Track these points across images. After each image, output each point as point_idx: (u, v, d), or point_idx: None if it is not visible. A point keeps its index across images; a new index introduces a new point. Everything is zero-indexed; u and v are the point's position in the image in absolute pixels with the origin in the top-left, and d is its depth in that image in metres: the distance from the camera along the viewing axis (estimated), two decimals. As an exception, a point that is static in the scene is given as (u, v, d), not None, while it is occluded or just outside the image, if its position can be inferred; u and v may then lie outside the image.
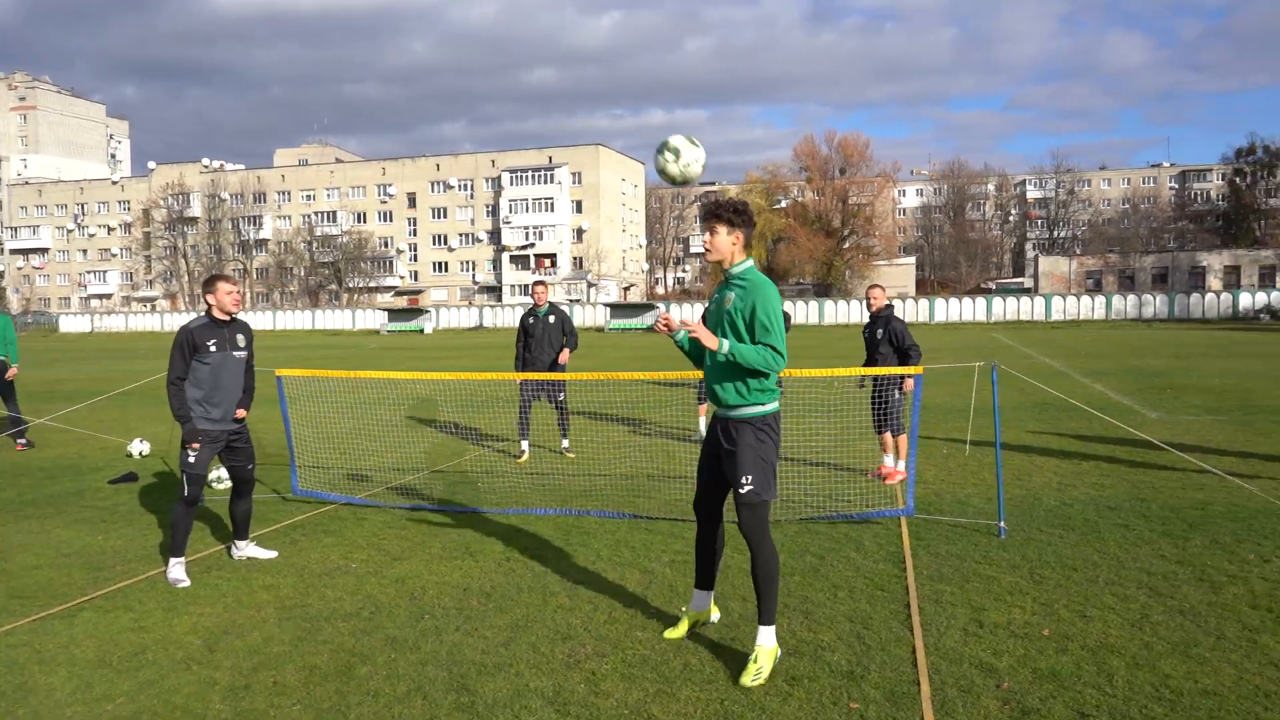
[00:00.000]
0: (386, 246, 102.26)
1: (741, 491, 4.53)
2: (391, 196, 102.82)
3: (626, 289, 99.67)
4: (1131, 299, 65.89)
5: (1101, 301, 65.80)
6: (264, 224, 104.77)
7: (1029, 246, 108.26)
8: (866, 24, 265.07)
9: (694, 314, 69.91)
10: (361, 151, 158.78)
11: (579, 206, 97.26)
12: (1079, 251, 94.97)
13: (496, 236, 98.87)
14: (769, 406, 4.55)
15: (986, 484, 8.62)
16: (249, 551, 6.66)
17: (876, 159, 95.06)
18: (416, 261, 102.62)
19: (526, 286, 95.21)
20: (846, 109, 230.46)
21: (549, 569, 6.21)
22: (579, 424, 13.04)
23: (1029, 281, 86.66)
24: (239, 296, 6.59)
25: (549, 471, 9.82)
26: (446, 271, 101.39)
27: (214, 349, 6.29)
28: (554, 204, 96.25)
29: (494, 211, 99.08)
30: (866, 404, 9.90)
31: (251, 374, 6.64)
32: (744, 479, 4.51)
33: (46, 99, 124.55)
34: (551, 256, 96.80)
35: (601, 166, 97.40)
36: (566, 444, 11.04)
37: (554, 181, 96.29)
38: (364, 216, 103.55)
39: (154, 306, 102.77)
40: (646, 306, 68.97)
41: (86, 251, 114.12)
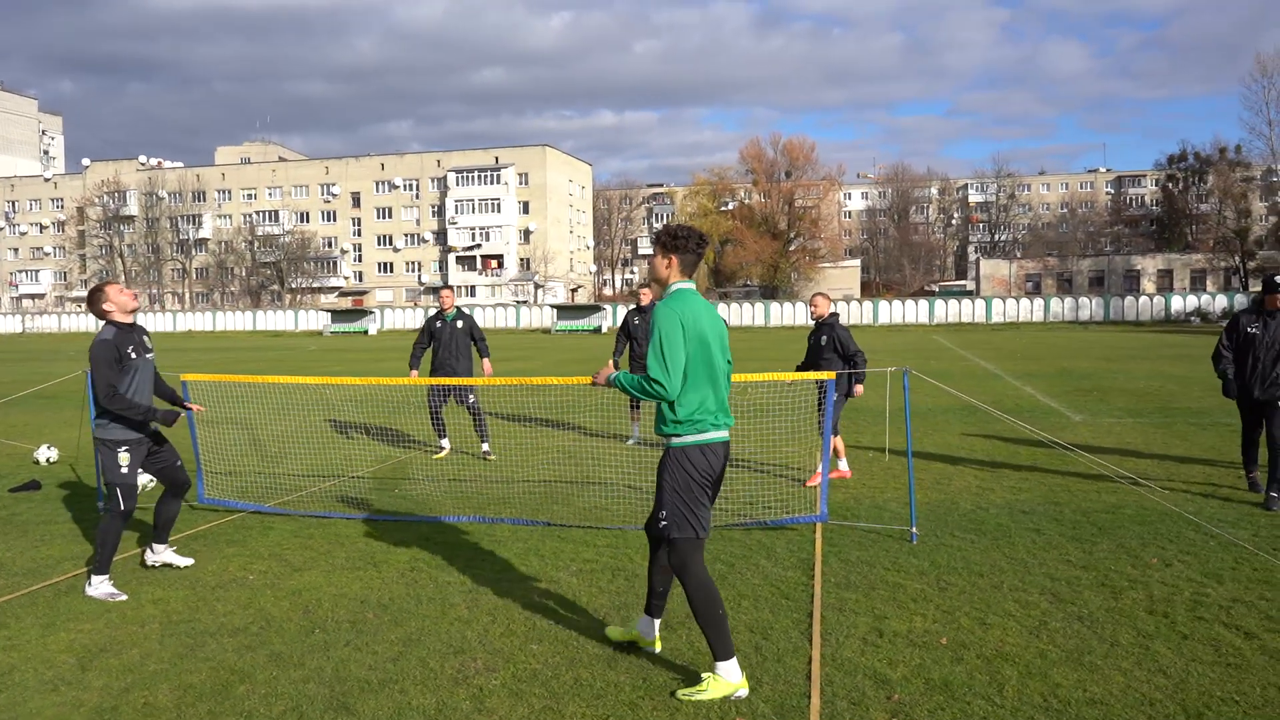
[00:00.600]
0: (330, 247, 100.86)
1: (659, 526, 4.39)
2: (335, 196, 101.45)
3: (574, 290, 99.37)
4: (1069, 302, 67.21)
5: (1040, 304, 67.02)
6: (204, 223, 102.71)
7: (971, 249, 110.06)
8: (814, 29, 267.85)
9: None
10: (306, 150, 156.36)
11: (526, 207, 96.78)
12: (1019, 255, 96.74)
13: (443, 237, 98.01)
14: (686, 438, 4.32)
15: (906, 489, 8.62)
16: (165, 557, 6.42)
17: (822, 162, 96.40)
18: (361, 262, 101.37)
19: (473, 288, 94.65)
20: (794, 112, 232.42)
21: (453, 579, 6.07)
22: (501, 428, 12.88)
23: (971, 284, 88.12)
24: (134, 294, 6.37)
25: (466, 478, 9.66)
26: (392, 272, 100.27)
27: (134, 355, 6.07)
28: (501, 205, 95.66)
29: (440, 212, 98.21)
30: (790, 407, 9.88)
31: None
32: (659, 513, 4.38)
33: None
34: (498, 257, 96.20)
35: (549, 167, 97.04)
36: (486, 448, 10.90)
37: (500, 182, 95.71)
38: (307, 216, 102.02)
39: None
40: (593, 308, 68.81)
41: (18, 250, 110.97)
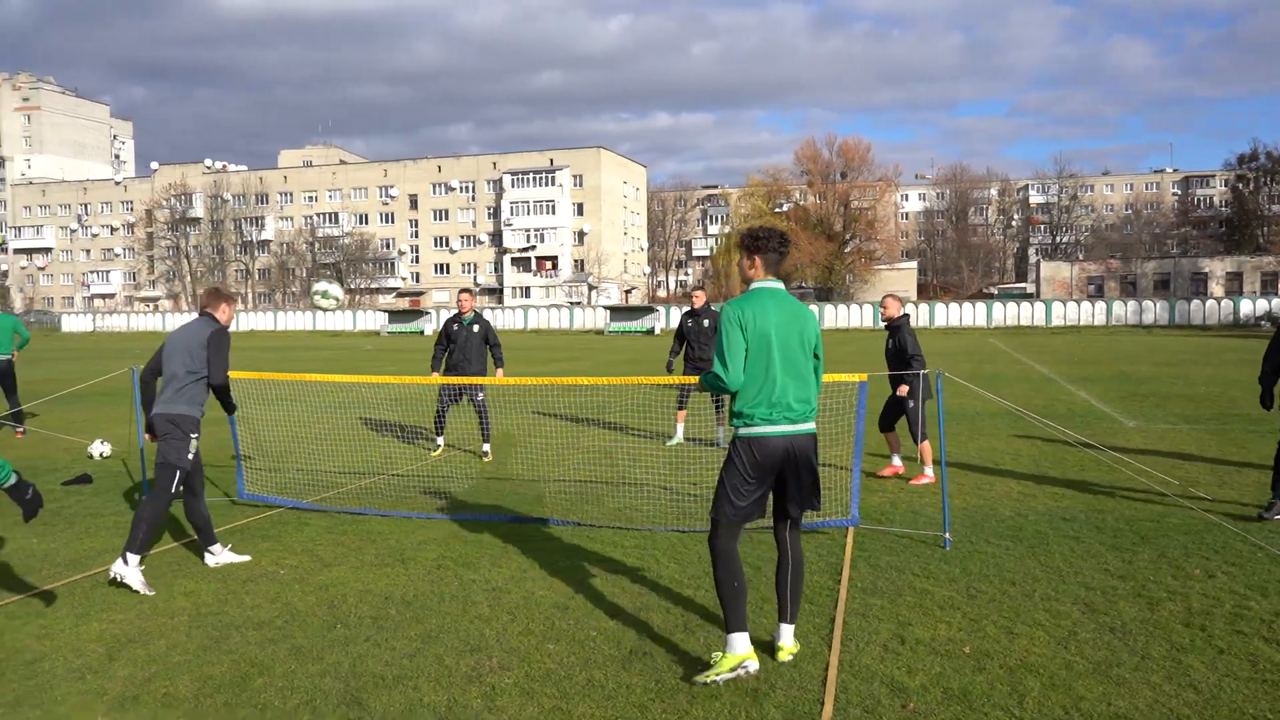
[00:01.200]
0: (388, 248, 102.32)
1: None
2: (393, 198, 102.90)
3: (628, 292, 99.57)
4: (1132, 305, 65.59)
5: (1102, 307, 65.50)
6: (266, 225, 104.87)
7: (1031, 252, 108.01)
8: (873, 29, 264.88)
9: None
10: (367, 153, 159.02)
11: (580, 209, 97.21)
12: (1081, 257, 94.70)
13: (498, 239, 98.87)
14: (739, 430, 4.60)
15: (951, 492, 8.45)
16: (225, 558, 6.55)
17: (878, 163, 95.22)
18: (418, 263, 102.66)
19: (528, 289, 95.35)
20: (851, 113, 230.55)
21: (477, 577, 6.09)
22: (538, 426, 12.93)
23: (1031, 287, 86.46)
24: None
25: (501, 477, 9.69)
26: (448, 273, 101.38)
27: None
28: (555, 206, 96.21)
29: (495, 214, 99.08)
30: (833, 409, 9.75)
31: None
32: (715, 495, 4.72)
33: (51, 99, 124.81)
34: (553, 259, 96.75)
35: (603, 169, 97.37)
36: (487, 449, 11.01)
37: (555, 184, 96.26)
38: (366, 218, 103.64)
39: (156, 306, 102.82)
40: (646, 310, 68.84)
41: (90, 251, 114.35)
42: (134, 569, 5.84)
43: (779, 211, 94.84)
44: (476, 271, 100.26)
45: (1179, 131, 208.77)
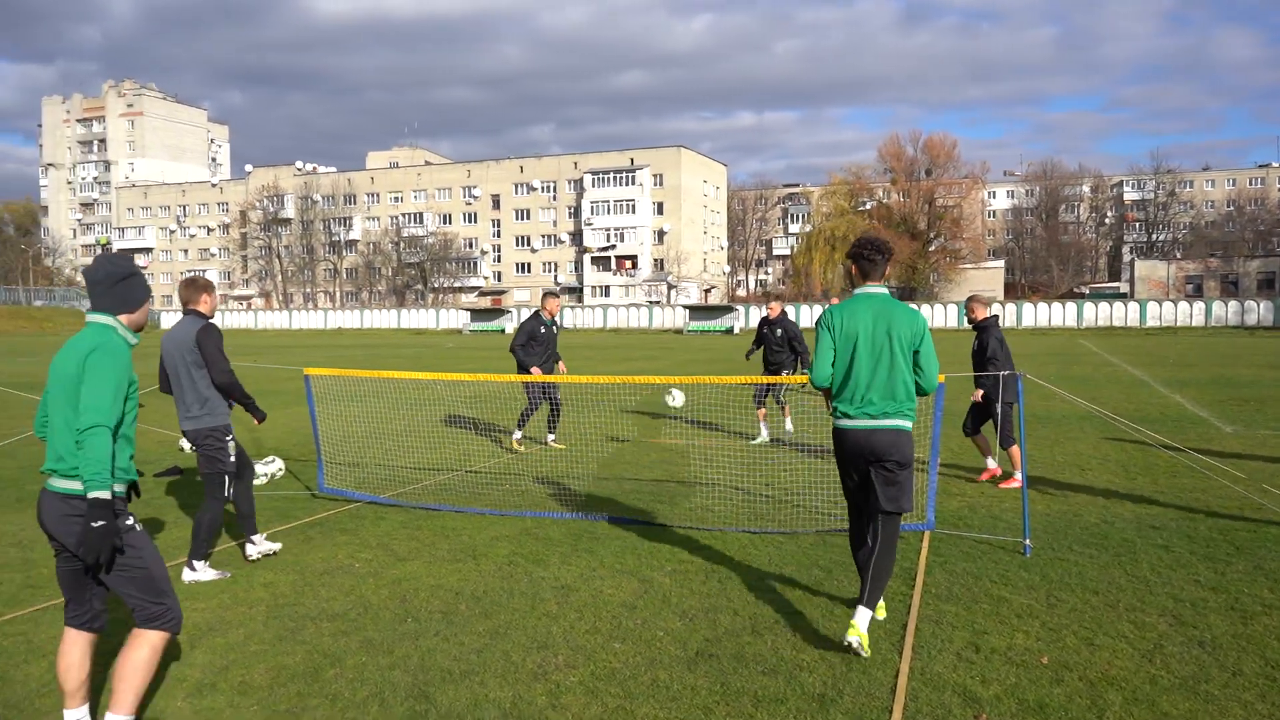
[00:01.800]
0: (471, 248, 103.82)
1: None
2: (476, 198, 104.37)
3: (707, 291, 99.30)
4: (1234, 305, 62.98)
5: (1201, 308, 63.05)
6: (354, 225, 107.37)
7: (1125, 250, 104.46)
8: (962, 24, 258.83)
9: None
10: (451, 154, 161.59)
11: (660, 208, 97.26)
12: (1179, 255, 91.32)
13: (578, 238, 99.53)
14: (834, 424, 5.02)
15: (1031, 496, 8.22)
16: (265, 546, 6.65)
17: (965, 160, 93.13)
18: (500, 262, 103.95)
19: (607, 288, 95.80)
20: (938, 110, 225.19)
21: (547, 575, 6.12)
22: (616, 423, 12.94)
23: (1124, 286, 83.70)
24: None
25: (576, 475, 9.72)
26: (529, 272, 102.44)
27: None
28: (635, 205, 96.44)
29: (576, 213, 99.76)
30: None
31: None
32: None
33: (152, 105, 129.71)
34: (633, 258, 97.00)
35: (683, 168, 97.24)
36: (553, 438, 11.52)
37: (635, 183, 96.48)
38: (450, 218, 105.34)
39: (249, 305, 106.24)
40: (726, 309, 68.56)
41: (188, 251, 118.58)
42: (203, 570, 6.07)
43: (861, 210, 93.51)
44: (557, 271, 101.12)
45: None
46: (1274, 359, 28.29)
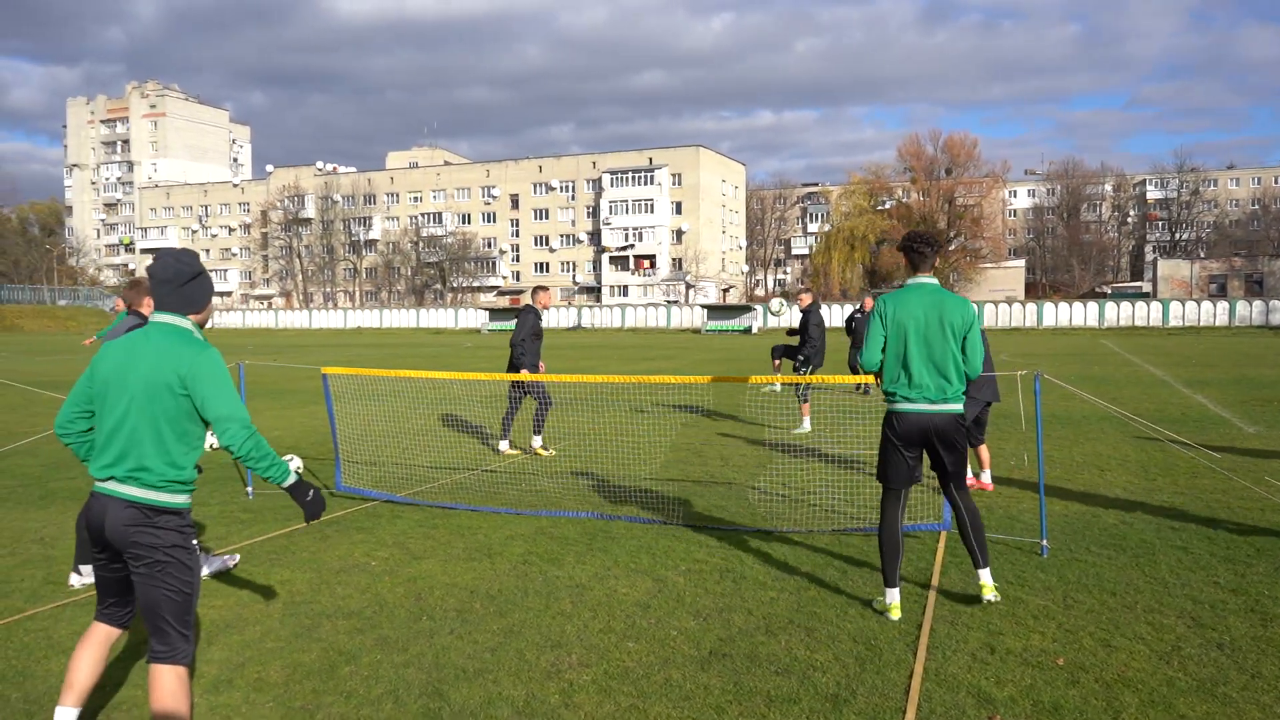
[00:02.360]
0: (490, 247, 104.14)
1: None
2: (495, 198, 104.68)
3: (725, 291, 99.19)
4: (1258, 305, 62.31)
5: (1225, 307, 62.42)
6: (373, 225, 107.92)
7: (1148, 249, 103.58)
8: (984, 22, 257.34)
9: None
10: (470, 154, 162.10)
11: (679, 208, 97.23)
12: (1202, 255, 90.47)
13: (597, 238, 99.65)
14: (888, 406, 5.36)
15: (1049, 496, 8.16)
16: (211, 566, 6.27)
17: (985, 159, 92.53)
18: (519, 262, 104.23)
19: (626, 288, 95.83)
20: (959, 109, 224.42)
21: (562, 574, 6.13)
22: (631, 423, 12.94)
23: (1147, 286, 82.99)
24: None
25: (591, 474, 9.73)
26: (548, 272, 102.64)
27: None
28: (654, 205, 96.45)
29: (594, 213, 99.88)
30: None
31: None
32: None
33: (175, 106, 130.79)
34: (651, 257, 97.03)
35: (702, 168, 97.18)
36: (539, 441, 11.11)
37: (654, 183, 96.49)
38: (469, 218, 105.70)
39: (270, 304, 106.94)
40: (744, 308, 68.46)
41: (210, 251, 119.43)
42: (208, 562, 6.10)
43: (881, 209, 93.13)
44: (575, 270, 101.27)
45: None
46: (1299, 359, 27.98)
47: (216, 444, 11.39)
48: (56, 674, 4.56)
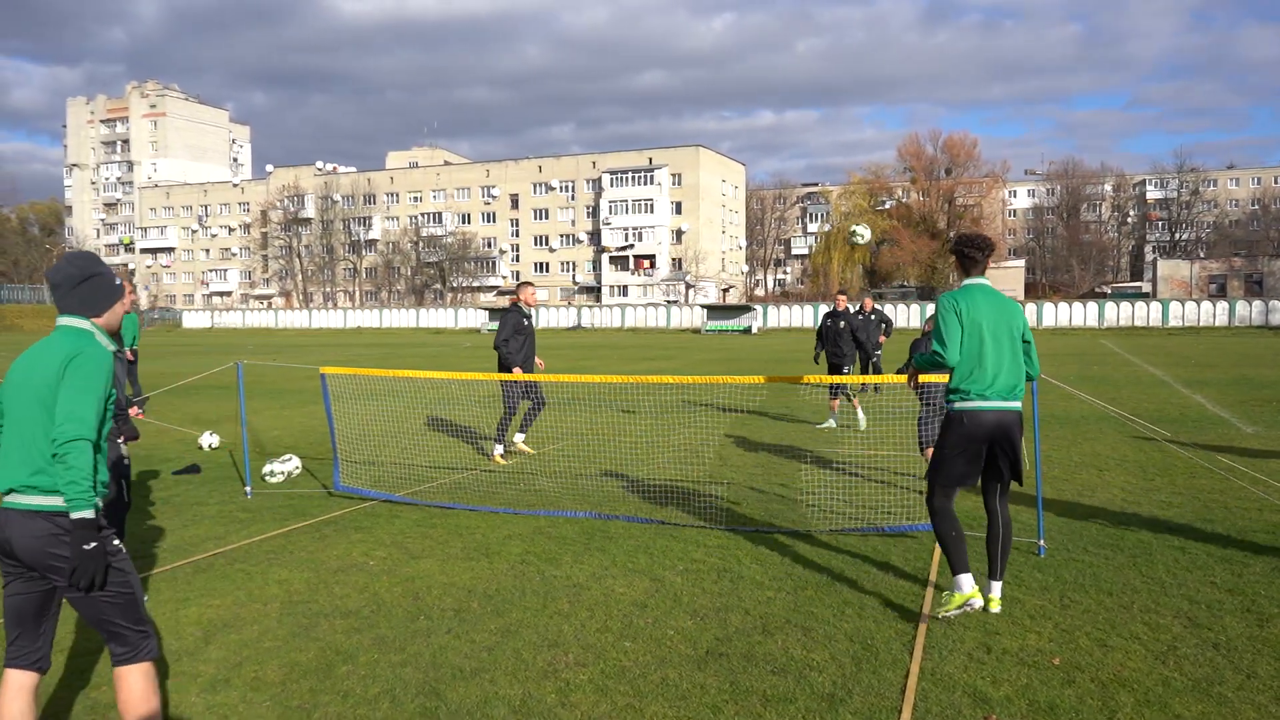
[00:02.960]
0: (490, 247, 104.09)
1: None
2: (495, 198, 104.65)
3: (725, 290, 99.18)
4: (1258, 305, 62.30)
5: (1224, 307, 62.42)
6: (373, 225, 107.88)
7: (1148, 249, 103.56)
8: (985, 21, 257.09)
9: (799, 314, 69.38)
10: (471, 154, 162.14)
11: (678, 208, 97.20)
12: (1202, 255, 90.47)
13: (596, 237, 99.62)
14: (954, 404, 5.30)
15: (1046, 496, 8.17)
16: None
17: (986, 159, 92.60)
18: (518, 262, 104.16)
19: (625, 288, 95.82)
20: (959, 108, 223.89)
21: (559, 573, 6.14)
22: (629, 422, 12.95)
23: (1147, 286, 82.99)
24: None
25: (589, 474, 9.73)
26: (548, 272, 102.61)
27: None
28: (653, 205, 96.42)
29: (594, 212, 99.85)
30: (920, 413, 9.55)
31: None
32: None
33: (175, 106, 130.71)
34: (650, 257, 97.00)
35: (702, 168, 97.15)
36: (522, 439, 10.94)
37: (654, 183, 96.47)
38: (468, 217, 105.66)
39: (269, 304, 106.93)
40: (744, 308, 68.45)
41: (209, 251, 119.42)
42: None
43: (881, 209, 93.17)
44: (575, 270, 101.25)
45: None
46: (1298, 359, 27.98)
47: (215, 444, 11.40)
48: (53, 673, 4.55)
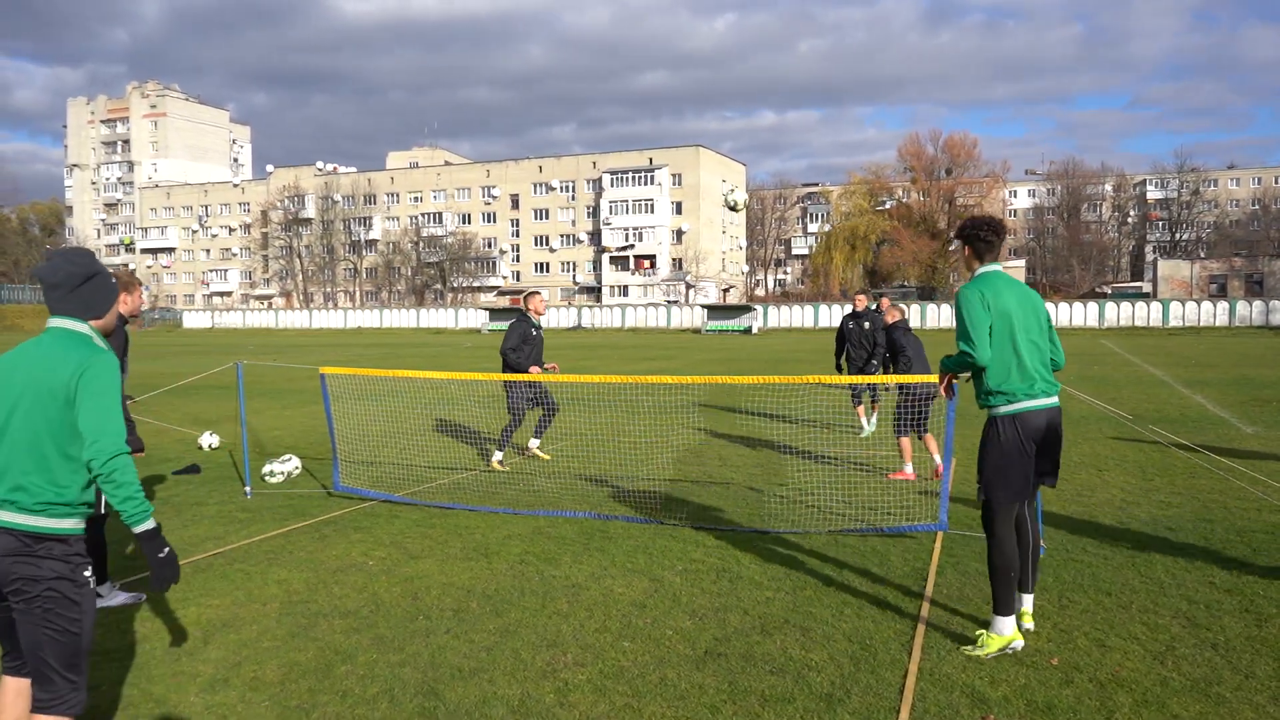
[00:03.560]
0: (490, 247, 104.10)
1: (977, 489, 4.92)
2: (495, 198, 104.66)
3: (726, 290, 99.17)
4: (1258, 305, 62.28)
5: (1225, 307, 62.40)
6: (373, 225, 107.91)
7: (1148, 249, 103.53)
8: (987, 22, 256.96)
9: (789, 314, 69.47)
10: (472, 154, 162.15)
11: (679, 208, 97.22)
12: (1202, 255, 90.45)
13: (597, 238, 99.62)
14: (998, 409, 4.76)
15: (1045, 498, 8.18)
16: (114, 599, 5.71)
17: (986, 159, 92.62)
18: (519, 262, 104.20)
19: (626, 288, 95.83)
20: (961, 109, 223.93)
21: (558, 573, 6.14)
22: (629, 423, 12.96)
23: (1147, 286, 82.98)
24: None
25: (588, 475, 9.73)
26: (548, 272, 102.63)
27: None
28: (654, 205, 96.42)
29: (595, 213, 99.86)
30: (927, 412, 9.57)
31: None
32: (977, 477, 4.90)
33: (175, 106, 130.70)
34: (651, 258, 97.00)
35: (702, 168, 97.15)
36: (537, 444, 10.85)
37: (654, 183, 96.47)
38: (469, 218, 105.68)
39: (270, 304, 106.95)
40: (744, 309, 68.45)
41: (209, 251, 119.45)
42: (112, 595, 5.66)
43: (881, 209, 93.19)
44: (575, 270, 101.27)
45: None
46: (1298, 359, 27.98)
47: (215, 444, 11.39)
48: None
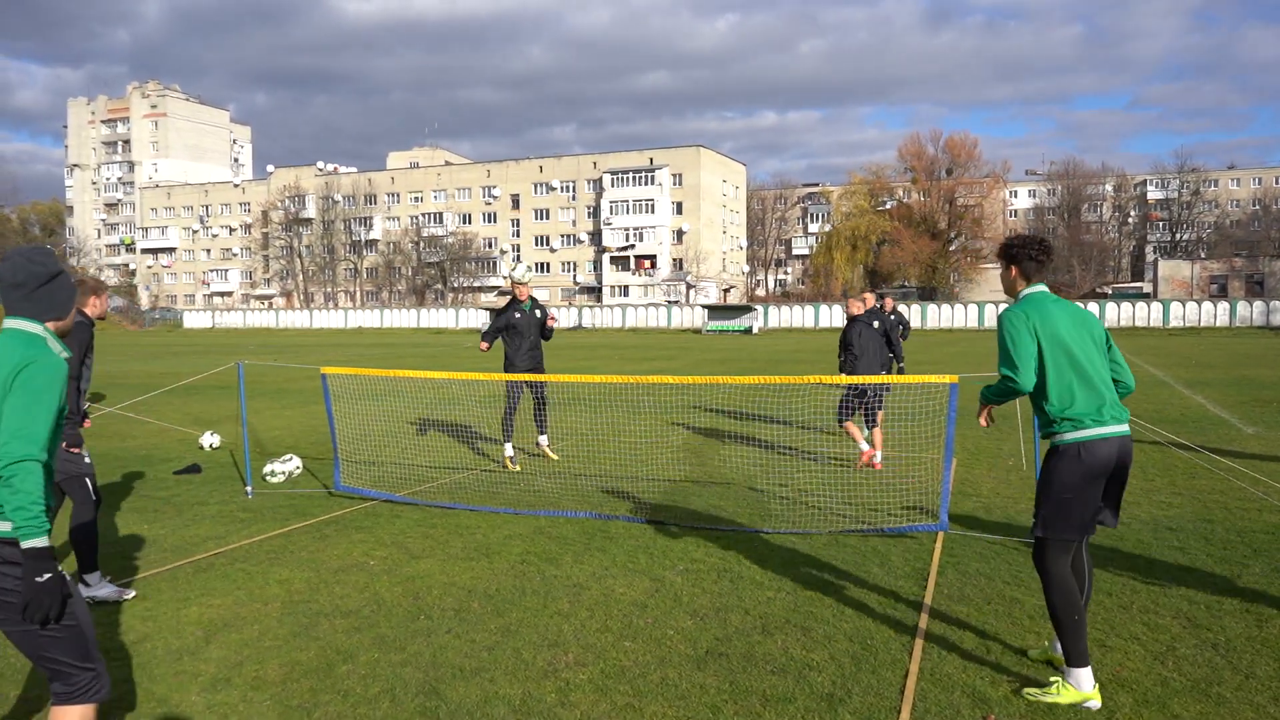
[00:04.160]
0: (490, 247, 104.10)
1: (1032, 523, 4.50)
2: (496, 198, 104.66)
3: (726, 291, 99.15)
4: (1259, 305, 62.31)
5: (1225, 308, 62.43)
6: (374, 225, 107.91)
7: (1149, 250, 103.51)
8: (988, 22, 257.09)
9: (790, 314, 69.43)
10: (473, 154, 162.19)
11: (679, 208, 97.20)
12: (1203, 255, 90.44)
13: (597, 238, 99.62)
14: (1063, 436, 4.35)
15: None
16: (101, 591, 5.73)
17: (987, 159, 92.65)
18: (519, 262, 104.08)
19: (626, 288, 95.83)
20: (962, 109, 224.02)
21: (559, 573, 6.15)
22: (630, 422, 12.96)
23: (1148, 286, 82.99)
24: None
25: (589, 474, 9.74)
26: (548, 272, 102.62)
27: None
28: (654, 205, 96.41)
29: (595, 213, 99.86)
30: (923, 413, 9.57)
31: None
32: (1035, 510, 4.47)
33: (176, 106, 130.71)
34: (651, 258, 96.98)
35: (703, 168, 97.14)
36: (545, 440, 10.67)
37: (655, 183, 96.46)
38: (469, 218, 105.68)
39: (270, 304, 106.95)
40: (745, 309, 68.46)
41: (210, 251, 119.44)
42: (99, 586, 5.71)
43: (881, 210, 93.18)
44: (576, 270, 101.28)
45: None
46: (1298, 360, 27.98)
47: (216, 444, 11.43)
48: None
